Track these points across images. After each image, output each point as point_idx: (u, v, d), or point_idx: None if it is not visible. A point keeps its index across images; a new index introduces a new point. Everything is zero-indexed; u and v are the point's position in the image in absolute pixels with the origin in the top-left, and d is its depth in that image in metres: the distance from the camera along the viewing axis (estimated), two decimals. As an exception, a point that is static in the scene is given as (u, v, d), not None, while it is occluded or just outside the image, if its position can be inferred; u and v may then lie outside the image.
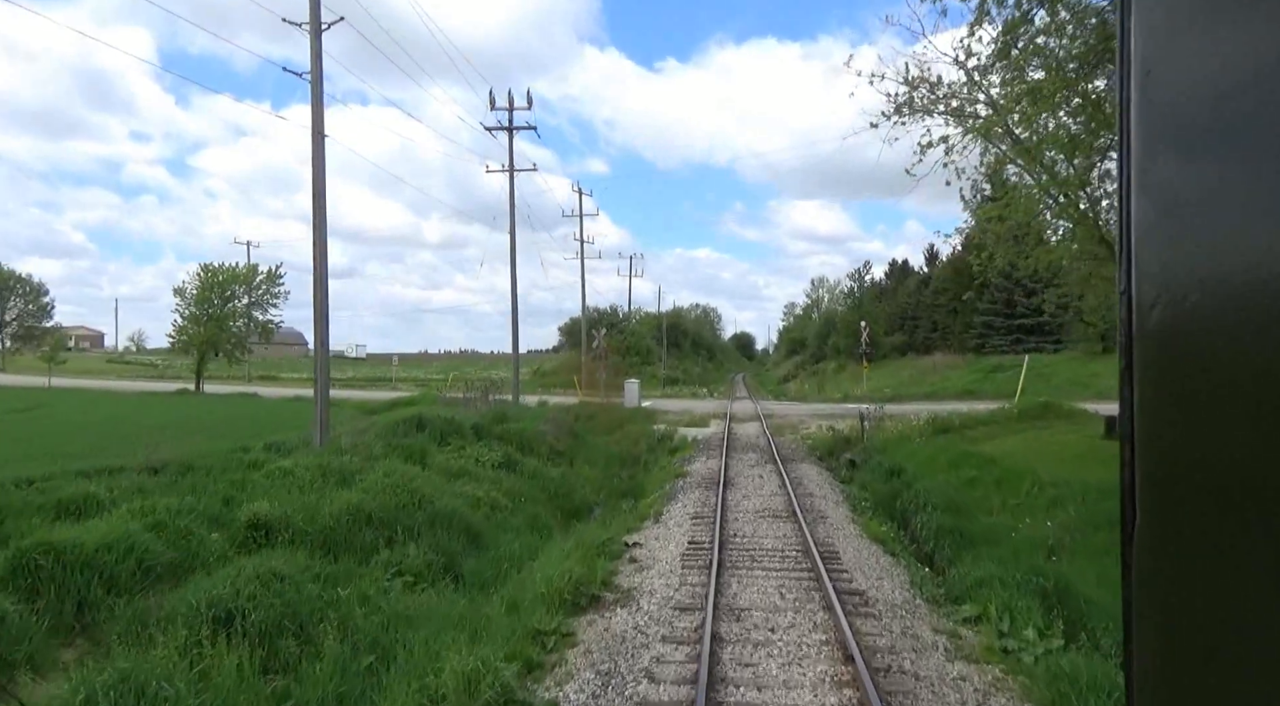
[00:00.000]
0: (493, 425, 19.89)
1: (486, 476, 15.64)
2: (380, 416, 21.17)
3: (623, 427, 28.97)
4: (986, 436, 23.67)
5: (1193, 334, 0.65)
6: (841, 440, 23.55)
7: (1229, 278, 0.62)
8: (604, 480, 20.20)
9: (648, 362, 60.70)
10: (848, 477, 19.15)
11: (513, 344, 34.92)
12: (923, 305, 61.33)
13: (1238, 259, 0.62)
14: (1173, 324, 0.67)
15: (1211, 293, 0.64)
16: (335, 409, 35.67)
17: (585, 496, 17.93)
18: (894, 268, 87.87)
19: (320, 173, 16.77)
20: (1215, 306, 0.63)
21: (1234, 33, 0.63)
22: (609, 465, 22.53)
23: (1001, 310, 44.17)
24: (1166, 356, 0.68)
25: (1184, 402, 0.66)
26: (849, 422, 28.77)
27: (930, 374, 44.50)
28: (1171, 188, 0.68)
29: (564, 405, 34.55)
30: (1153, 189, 0.70)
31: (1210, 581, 0.64)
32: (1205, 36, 0.65)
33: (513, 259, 34.31)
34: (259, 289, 43.76)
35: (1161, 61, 0.69)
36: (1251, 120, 0.61)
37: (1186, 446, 0.66)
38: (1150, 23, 0.70)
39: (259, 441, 18.90)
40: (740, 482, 17.09)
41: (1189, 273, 0.66)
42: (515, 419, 21.44)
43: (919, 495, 14.98)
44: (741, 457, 20.90)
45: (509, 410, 27.38)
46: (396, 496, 11.31)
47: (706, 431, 28.01)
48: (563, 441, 21.93)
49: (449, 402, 26.74)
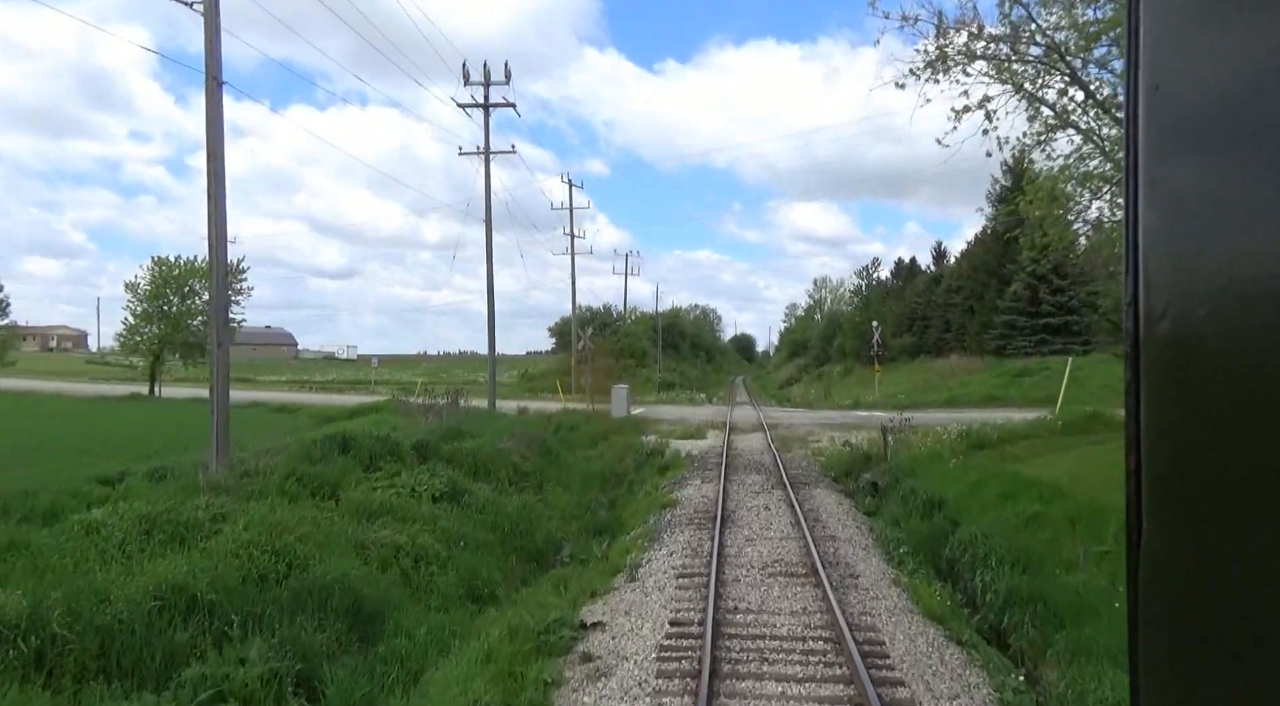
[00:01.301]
0: (443, 442, 16.48)
1: (419, 514, 12.23)
2: (314, 432, 17.76)
3: (608, 440, 25.57)
4: (1030, 454, 20.28)
5: (1202, 344, 0.65)
6: (860, 457, 20.14)
7: (1240, 287, 0.62)
8: (579, 508, 16.82)
9: (642, 365, 57.25)
10: (873, 508, 15.74)
11: (489, 345, 31.54)
12: (934, 305, 57.85)
13: (1249, 268, 0.61)
14: (1181, 334, 0.66)
15: (1222, 302, 0.63)
16: (287, 417, 32.31)
17: (551, 532, 14.54)
18: (900, 267, 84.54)
19: (216, 128, 13.39)
20: (1225, 316, 0.63)
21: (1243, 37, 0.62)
22: (587, 487, 19.15)
23: (1025, 309, 40.70)
24: (1175, 367, 0.67)
25: (1193, 413, 0.66)
26: (865, 435, 25.34)
27: (947, 378, 41.05)
28: (1180, 195, 0.67)
29: (545, 413, 31.15)
30: (1161, 197, 0.69)
31: (1219, 593, 0.64)
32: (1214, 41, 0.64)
33: (489, 252, 30.97)
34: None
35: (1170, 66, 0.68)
36: (1262, 126, 0.60)
37: (1196, 458, 0.66)
38: (1158, 28, 0.69)
39: (154, 461, 15.52)
40: (742, 518, 13.68)
41: (1198, 282, 0.65)
42: (475, 434, 18.03)
43: (972, 541, 11.56)
44: (743, 481, 17.49)
45: (477, 420, 23.99)
46: (253, 561, 7.89)
47: (703, 444, 24.60)
48: (531, 459, 18.52)
49: (408, 411, 23.35)
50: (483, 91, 30.37)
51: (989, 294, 44.68)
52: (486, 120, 30.60)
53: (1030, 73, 16.86)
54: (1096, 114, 16.15)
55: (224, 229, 13.54)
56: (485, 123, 30.62)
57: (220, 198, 13.40)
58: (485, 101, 30.44)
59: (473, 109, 30.59)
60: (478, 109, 30.58)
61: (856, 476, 19.38)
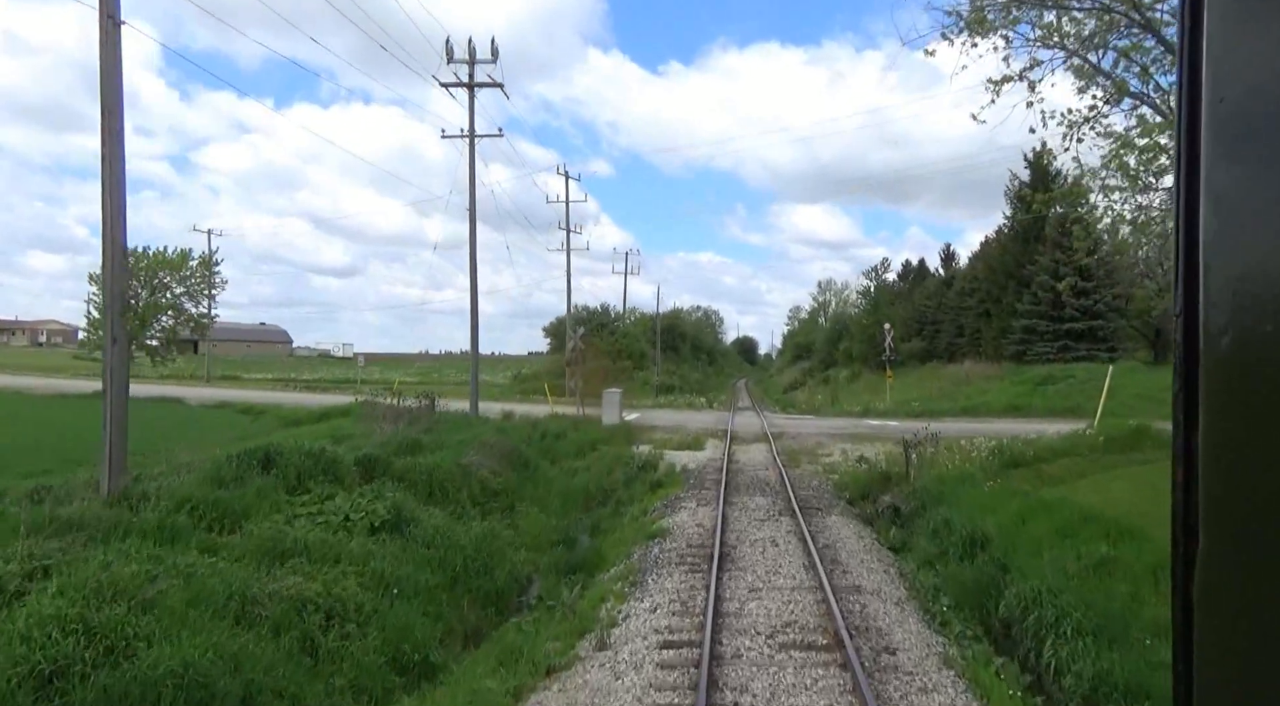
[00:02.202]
0: (397, 456, 14.14)
1: (346, 551, 9.89)
2: (231, 447, 15.45)
3: (596, 450, 23.21)
4: (1071, 474, 17.91)
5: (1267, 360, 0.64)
6: (878, 477, 17.77)
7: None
8: (556, 533, 14.49)
9: (640, 368, 54.87)
10: (899, 542, 13.37)
11: (472, 344, 29.19)
12: (945, 308, 55.37)
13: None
14: (1246, 350, 0.65)
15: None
16: (251, 420, 30.02)
17: (517, 567, 12.21)
18: (907, 269, 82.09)
19: (114, 78, 11.06)
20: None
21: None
22: (567, 508, 16.81)
23: (1047, 312, 38.19)
24: (1238, 382, 0.66)
25: (1257, 430, 0.65)
26: (881, 449, 22.97)
27: (963, 385, 38.60)
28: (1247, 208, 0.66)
29: (531, 418, 28.80)
30: (1225, 209, 0.68)
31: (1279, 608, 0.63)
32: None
33: (472, 243, 28.63)
34: (191, 277, 37.90)
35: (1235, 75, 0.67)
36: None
37: (1259, 475, 0.65)
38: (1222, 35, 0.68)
39: (54, 475, 13.22)
40: (744, 555, 11.33)
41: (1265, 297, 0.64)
42: (439, 445, 15.66)
43: (1034, 597, 9.18)
44: (746, 505, 15.13)
45: (451, 427, 21.65)
46: (49, 648, 5.54)
47: (701, 457, 22.25)
48: (504, 475, 16.17)
49: (373, 415, 21.01)
50: (467, 70, 28.06)
51: (1006, 297, 42.22)
52: (471, 101, 28.30)
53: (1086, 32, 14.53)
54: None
55: (122, 200, 11.21)
56: (470, 103, 28.31)
57: (118, 162, 11.07)
58: (470, 80, 28.11)
59: (457, 89, 28.29)
60: (462, 89, 28.27)
61: (875, 499, 17.03)
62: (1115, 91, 15.01)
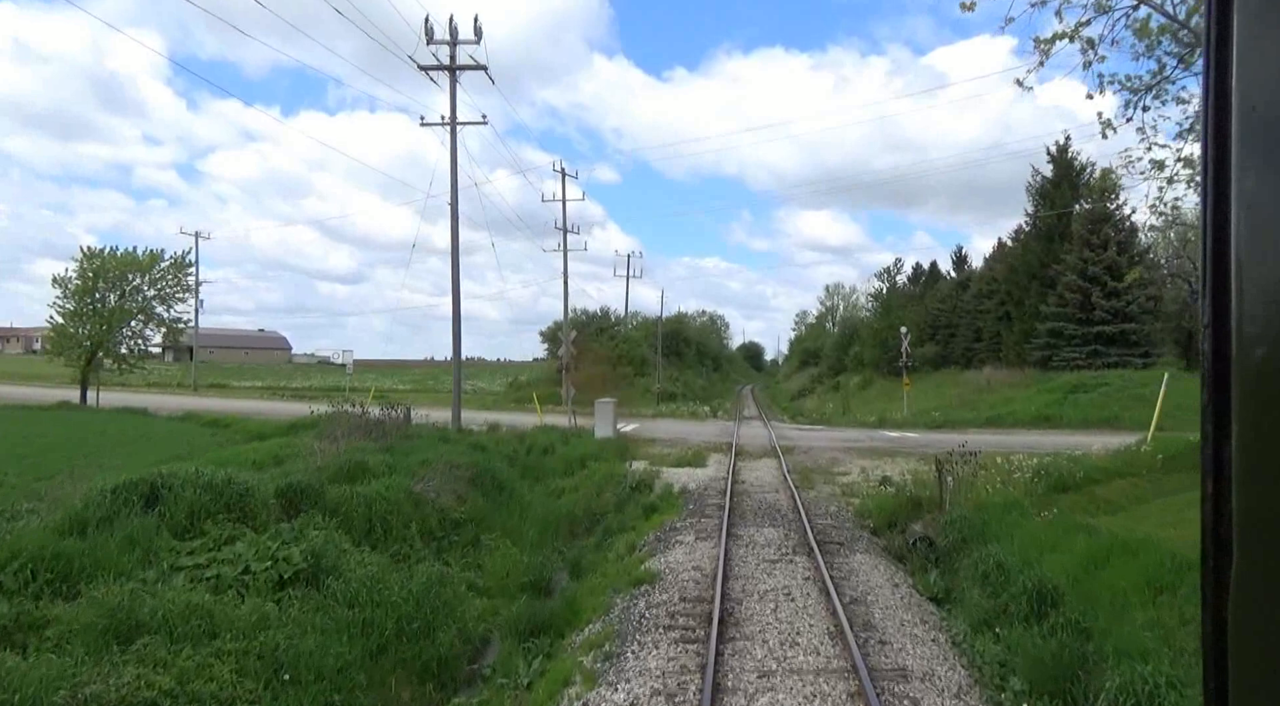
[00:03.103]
0: (334, 483, 11.81)
1: (231, 620, 7.54)
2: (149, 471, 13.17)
3: (585, 466, 20.85)
4: (1131, 499, 15.53)
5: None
6: (906, 502, 15.35)
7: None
8: (528, 573, 12.14)
9: (642, 374, 52.49)
10: (942, 590, 10.95)
11: (454, 349, 26.87)
12: (961, 311, 52.88)
13: None
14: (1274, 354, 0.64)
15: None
16: (216, 433, 27.70)
17: (471, 624, 9.86)
18: (918, 271, 79.62)
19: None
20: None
21: None
22: (545, 540, 14.46)
23: (1074, 314, 35.64)
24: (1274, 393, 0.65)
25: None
26: (904, 465, 20.55)
27: (984, 393, 36.08)
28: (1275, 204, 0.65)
29: (518, 430, 26.46)
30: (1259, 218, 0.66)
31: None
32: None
33: (454, 237, 26.34)
34: (163, 279, 35.69)
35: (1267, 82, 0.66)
36: None
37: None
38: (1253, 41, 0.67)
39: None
40: (752, 616, 8.94)
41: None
42: (385, 470, 13.28)
43: (1149, 693, 6.76)
44: (753, 539, 12.75)
45: (423, 443, 19.32)
46: None
47: (702, 475, 19.86)
48: (467, 502, 13.83)
49: (334, 431, 18.68)
50: (448, 51, 25.82)
51: (1029, 299, 39.71)
52: (453, 84, 26.03)
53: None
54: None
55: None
56: (451, 88, 26.04)
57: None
58: (451, 63, 25.87)
59: (438, 73, 26.05)
60: (443, 73, 26.03)
61: (903, 528, 14.62)
62: (1193, 44, 12.62)
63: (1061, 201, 39.31)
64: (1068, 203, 39.12)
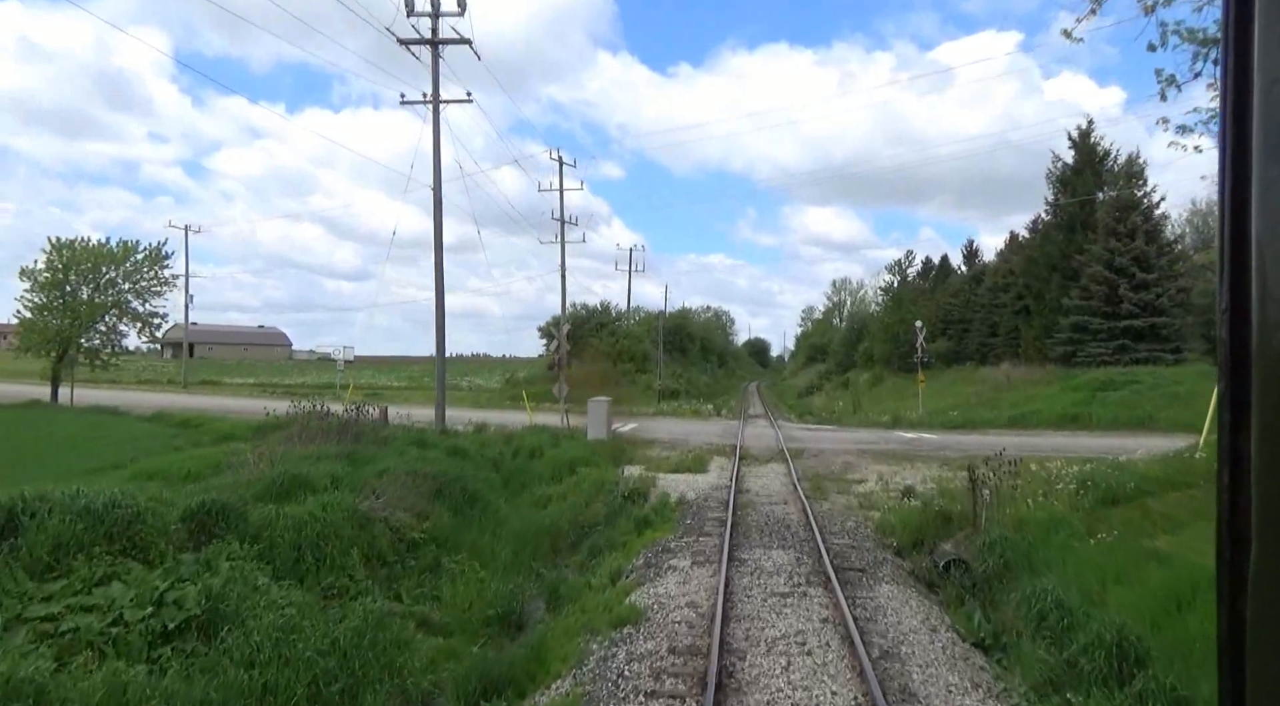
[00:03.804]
0: (263, 501, 9.98)
1: (75, 696, 5.72)
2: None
3: (575, 472, 19.01)
4: (1192, 513, 13.54)
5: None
6: (935, 517, 13.46)
7: None
8: (496, 604, 10.32)
9: (643, 371, 50.63)
10: (989, 633, 9.06)
11: (437, 344, 25.05)
12: (975, 305, 50.84)
13: None
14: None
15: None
16: (179, 433, 25.94)
17: (413, 679, 8.02)
18: (928, 265, 77.54)
19: None
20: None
21: None
22: (521, 560, 12.68)
23: (1100, 308, 33.60)
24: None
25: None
26: (925, 471, 18.66)
27: (1004, 391, 34.11)
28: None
29: (506, 431, 24.65)
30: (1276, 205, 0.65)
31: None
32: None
33: (437, 223, 24.51)
34: (139, 272, 33.94)
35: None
36: None
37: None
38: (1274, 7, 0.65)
39: None
40: (758, 676, 7.09)
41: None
42: (323, 485, 11.43)
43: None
44: (760, 564, 10.89)
45: (393, 447, 17.52)
46: None
47: (703, 482, 18.01)
48: (430, 519, 12.01)
49: (292, 433, 16.89)
50: (430, 24, 23.97)
51: (1050, 292, 37.68)
52: (435, 59, 24.17)
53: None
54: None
55: None
56: (433, 62, 24.18)
57: None
58: (434, 35, 24.02)
59: (419, 48, 24.20)
60: (424, 48, 24.17)
61: (932, 548, 12.76)
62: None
63: (1084, 189, 37.28)
64: (1091, 190, 37.11)
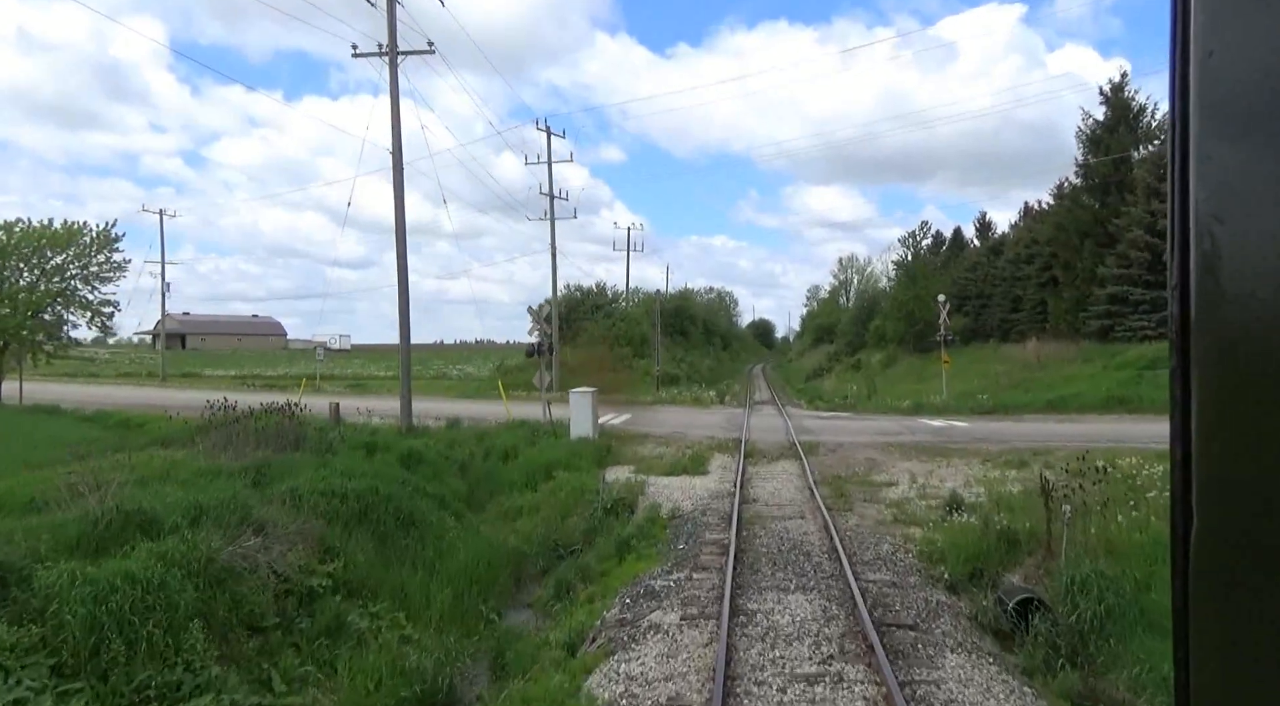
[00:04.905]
0: (72, 555, 7.13)
1: None
2: None
3: (553, 478, 16.16)
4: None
5: (1256, 332, 0.63)
6: (998, 539, 10.51)
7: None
8: (411, 684, 7.53)
9: (642, 355, 47.70)
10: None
11: (401, 330, 22.15)
12: (995, 279, 47.73)
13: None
14: (1235, 321, 0.64)
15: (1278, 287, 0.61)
16: (116, 434, 23.18)
17: None
18: (939, 239, 74.27)
19: None
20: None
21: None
22: (471, 598, 9.91)
23: (1142, 276, 30.53)
24: (1228, 355, 0.65)
25: (1246, 404, 0.64)
26: (967, 470, 15.75)
27: (1035, 371, 31.15)
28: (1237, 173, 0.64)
29: (480, 428, 21.82)
30: (1213, 175, 0.66)
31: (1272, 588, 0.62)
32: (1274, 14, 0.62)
33: (398, 191, 21.55)
34: (86, 256, 31.12)
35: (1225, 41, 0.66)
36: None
37: (1249, 450, 0.64)
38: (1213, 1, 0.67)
39: None
40: None
41: (1255, 267, 0.62)
42: (176, 521, 8.57)
43: None
44: (773, 619, 8.00)
45: (345, 454, 14.71)
46: None
47: (702, 487, 15.14)
48: (338, 558, 9.16)
49: (220, 440, 14.07)
50: (383, -37, 20.90)
51: (1081, 261, 34.58)
52: (391, 4, 21.12)
53: None
54: None
55: None
56: (390, 9, 21.13)
57: None
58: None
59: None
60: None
61: (993, 580, 9.87)
62: None
63: (1118, 147, 34.13)
64: (1125, 148, 33.95)
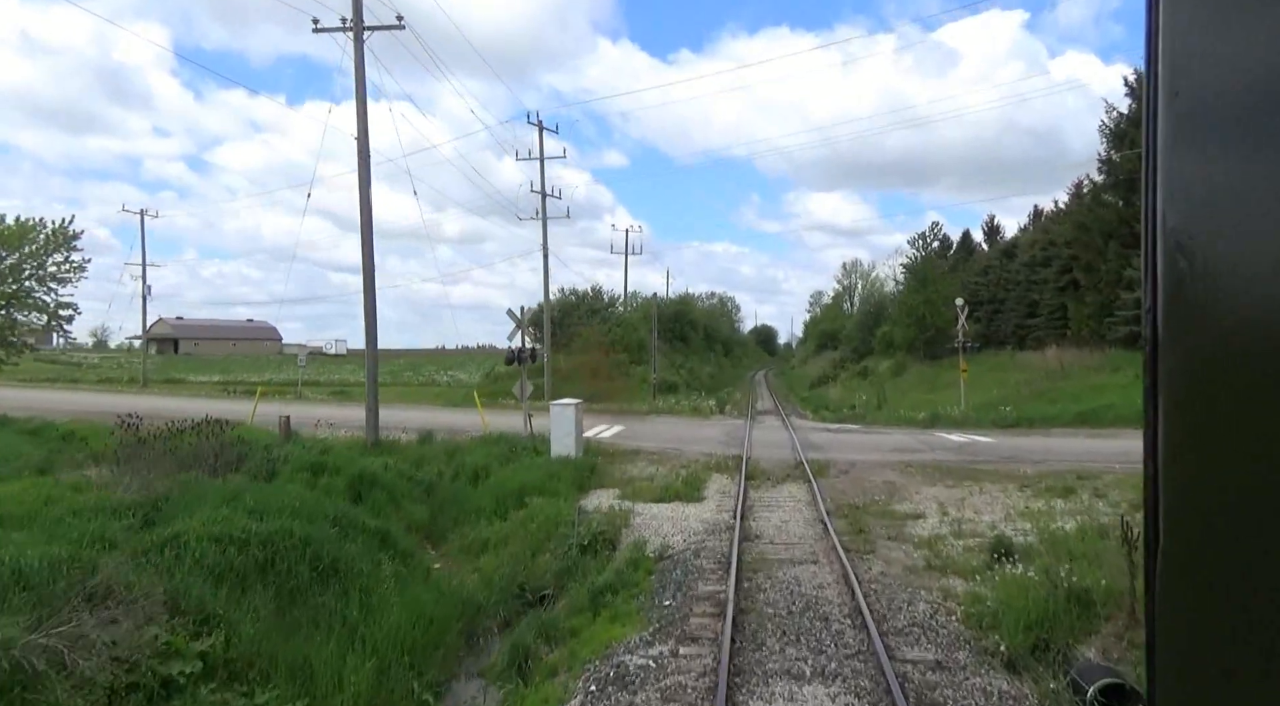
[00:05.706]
0: None
1: None
2: None
3: (525, 504, 14.05)
4: None
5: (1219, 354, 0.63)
6: (1067, 600, 8.39)
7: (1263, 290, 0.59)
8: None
9: (640, 362, 45.63)
10: None
11: (367, 336, 20.08)
12: (1009, 283, 45.65)
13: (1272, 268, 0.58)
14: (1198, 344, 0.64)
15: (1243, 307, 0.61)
16: (49, 448, 21.14)
17: None
18: (946, 243, 72.20)
19: None
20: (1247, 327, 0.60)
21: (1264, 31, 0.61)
22: (406, 663, 7.82)
23: (1174, 280, 28.50)
24: (1193, 372, 0.66)
25: (1210, 425, 0.64)
26: (1002, 499, 13.62)
27: (1057, 380, 29.06)
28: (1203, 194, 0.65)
29: (454, 443, 19.74)
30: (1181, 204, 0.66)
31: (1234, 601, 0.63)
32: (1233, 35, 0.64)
33: (363, 179, 19.50)
34: (40, 256, 29.16)
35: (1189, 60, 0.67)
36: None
37: (1212, 466, 0.64)
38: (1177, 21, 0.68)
39: None
40: None
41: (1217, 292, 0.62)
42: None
43: None
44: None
45: (279, 477, 12.64)
46: None
47: (695, 519, 13.04)
48: (219, 629, 7.05)
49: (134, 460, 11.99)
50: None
51: (1105, 263, 32.52)
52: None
53: None
54: None
55: None
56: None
57: None
58: (351, -57, 18.97)
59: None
60: (343, -41, 19.11)
61: (1062, 654, 7.75)
62: None
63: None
64: (1153, 143, 31.87)
